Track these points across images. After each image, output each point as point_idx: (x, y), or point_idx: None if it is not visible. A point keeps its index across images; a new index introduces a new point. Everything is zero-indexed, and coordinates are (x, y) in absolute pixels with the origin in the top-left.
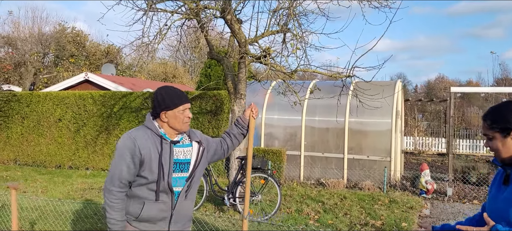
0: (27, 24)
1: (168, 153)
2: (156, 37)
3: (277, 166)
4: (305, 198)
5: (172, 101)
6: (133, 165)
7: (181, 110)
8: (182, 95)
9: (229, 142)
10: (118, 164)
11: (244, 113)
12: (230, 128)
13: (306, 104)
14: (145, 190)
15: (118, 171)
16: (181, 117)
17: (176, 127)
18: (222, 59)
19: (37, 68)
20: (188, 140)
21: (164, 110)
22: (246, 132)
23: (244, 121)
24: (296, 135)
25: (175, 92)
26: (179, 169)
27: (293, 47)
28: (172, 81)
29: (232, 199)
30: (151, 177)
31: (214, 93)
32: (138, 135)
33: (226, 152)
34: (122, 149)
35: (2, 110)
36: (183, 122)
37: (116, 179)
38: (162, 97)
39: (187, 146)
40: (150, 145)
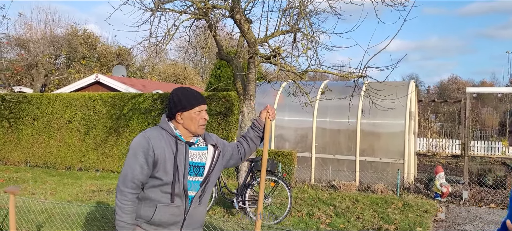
0: (39, 26)
1: (183, 155)
2: (164, 37)
3: (287, 168)
4: (316, 201)
5: (188, 102)
6: (146, 165)
7: (198, 111)
8: (199, 96)
9: (246, 146)
10: (132, 164)
11: (260, 115)
12: (246, 131)
13: (317, 105)
14: (159, 192)
15: (131, 171)
16: (197, 118)
17: (191, 129)
18: (231, 59)
19: (49, 70)
20: (204, 143)
21: (180, 111)
22: (262, 134)
23: (260, 123)
24: (307, 137)
25: (192, 93)
26: (193, 172)
27: (304, 47)
28: (183, 82)
29: (241, 202)
30: (166, 179)
31: (223, 94)
32: (153, 135)
33: (243, 156)
34: (135, 148)
35: (13, 112)
36: (198, 124)
37: (129, 179)
38: (178, 98)
39: (203, 149)
40: (164, 145)
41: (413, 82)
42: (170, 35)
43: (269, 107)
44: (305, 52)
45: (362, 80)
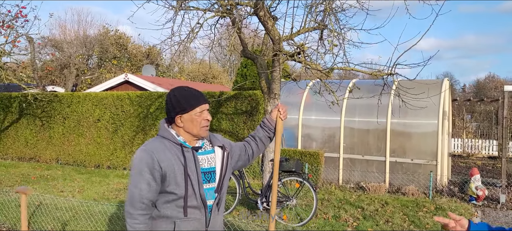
0: (73, 27)
1: (193, 162)
2: (188, 35)
3: (314, 169)
4: (344, 203)
5: (187, 103)
6: (154, 181)
7: (198, 112)
8: (199, 95)
9: (255, 146)
10: (137, 183)
11: (270, 114)
12: (255, 130)
13: (345, 105)
14: (175, 207)
15: (137, 191)
16: (199, 120)
17: (193, 132)
18: (256, 57)
19: (82, 69)
20: (210, 145)
21: (179, 113)
22: (273, 135)
23: (271, 123)
24: (334, 137)
25: (191, 92)
26: (205, 179)
27: (330, 44)
28: (212, 81)
29: (265, 203)
30: (180, 192)
31: (249, 93)
32: (155, 147)
33: (251, 157)
34: (139, 165)
35: (45, 111)
36: (200, 126)
37: (137, 200)
38: (176, 99)
39: (210, 153)
40: (170, 156)
41: (447, 80)
42: (194, 33)
43: (280, 105)
44: (331, 49)
45: (391, 78)
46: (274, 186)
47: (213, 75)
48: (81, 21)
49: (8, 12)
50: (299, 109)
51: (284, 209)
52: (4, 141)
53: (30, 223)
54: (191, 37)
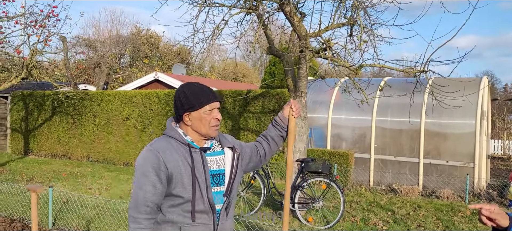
0: (106, 27)
1: (201, 164)
2: (214, 32)
3: (343, 170)
4: (374, 206)
5: (196, 99)
6: (159, 183)
7: (208, 110)
8: (209, 92)
9: (267, 146)
10: (142, 185)
11: (283, 111)
12: (267, 129)
13: (377, 103)
14: (180, 212)
15: (142, 194)
16: (208, 118)
17: (201, 132)
18: (282, 55)
19: (114, 69)
20: (219, 146)
21: (188, 110)
22: (285, 133)
23: (283, 121)
24: (365, 137)
25: (201, 89)
26: (214, 182)
27: (359, 40)
28: (242, 80)
29: (291, 204)
30: (187, 195)
31: (277, 91)
32: (161, 147)
33: (263, 158)
34: (143, 166)
35: (77, 109)
36: (210, 125)
37: (142, 204)
38: (185, 96)
39: (219, 154)
40: (177, 156)
41: (486, 78)
42: (219, 29)
43: (293, 102)
44: (361, 45)
45: (424, 75)
46: (287, 191)
47: (243, 73)
48: (114, 21)
49: (40, 12)
50: (328, 108)
51: (310, 211)
52: (38, 138)
53: (56, 220)
54: (216, 34)
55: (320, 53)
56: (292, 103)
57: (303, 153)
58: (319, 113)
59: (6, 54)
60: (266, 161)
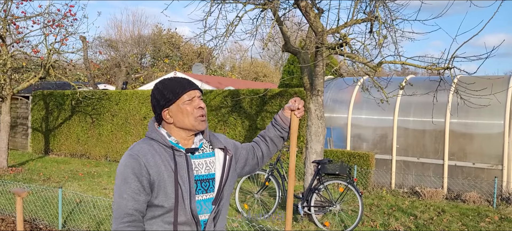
0: (128, 27)
1: (185, 168)
2: (228, 29)
3: (364, 172)
4: (395, 209)
5: (172, 91)
6: (142, 189)
7: (187, 100)
8: (185, 82)
9: (265, 148)
10: (123, 192)
11: (283, 110)
12: (266, 129)
13: (399, 103)
14: (161, 224)
15: (123, 202)
16: (189, 109)
17: (186, 126)
18: (299, 52)
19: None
20: (210, 147)
21: (165, 106)
22: (286, 134)
23: (284, 120)
24: (387, 137)
25: (175, 80)
26: (201, 189)
27: (379, 35)
28: (263, 80)
29: (306, 208)
30: (169, 205)
31: (295, 90)
32: (142, 150)
33: (261, 161)
34: (124, 173)
35: (95, 108)
36: (194, 115)
37: (124, 213)
38: (159, 91)
39: (209, 156)
40: (159, 161)
41: None
42: (233, 25)
43: (296, 100)
44: (381, 42)
45: (448, 72)
46: (289, 195)
47: (264, 73)
48: (136, 21)
49: (57, 11)
50: (348, 108)
51: (327, 215)
52: (58, 138)
53: (66, 221)
54: (230, 31)
55: (336, 49)
56: (295, 100)
57: (320, 154)
58: (338, 113)
59: (24, 53)
60: (263, 164)
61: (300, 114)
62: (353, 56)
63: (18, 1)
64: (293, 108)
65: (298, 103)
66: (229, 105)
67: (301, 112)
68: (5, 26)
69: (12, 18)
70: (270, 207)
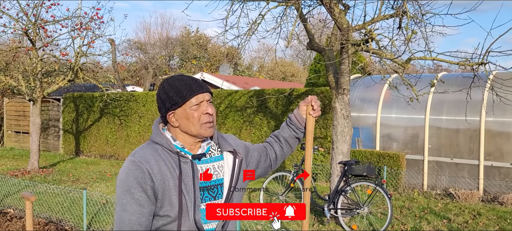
0: (157, 30)
1: (190, 176)
2: (251, 27)
3: (394, 173)
4: (427, 212)
5: (179, 94)
6: (147, 200)
7: (195, 104)
8: (193, 83)
9: (278, 150)
10: (125, 205)
11: (299, 108)
12: (280, 129)
13: (431, 101)
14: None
15: (127, 217)
16: (196, 115)
17: (192, 132)
18: (323, 49)
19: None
20: (218, 151)
21: (171, 108)
22: (302, 135)
23: (299, 120)
24: (418, 137)
25: (183, 81)
26: (208, 195)
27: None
28: (291, 79)
29: (333, 210)
30: (174, 214)
31: (321, 89)
32: (146, 156)
33: (274, 163)
34: (126, 182)
35: (123, 110)
36: (200, 122)
37: (127, 228)
38: (165, 91)
39: (217, 160)
40: (164, 167)
41: None
42: (256, 24)
43: (312, 98)
44: (410, 37)
45: (483, 68)
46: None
47: (292, 73)
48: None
49: (84, 14)
50: (377, 106)
51: (354, 218)
52: (88, 139)
53: (92, 223)
54: (253, 29)
55: (362, 46)
56: (311, 99)
57: (347, 155)
58: (367, 112)
59: (53, 57)
60: (277, 166)
61: (316, 114)
62: (380, 52)
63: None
64: (307, 104)
65: (315, 103)
66: (255, 105)
67: (318, 113)
68: (35, 30)
69: (42, 22)
70: None
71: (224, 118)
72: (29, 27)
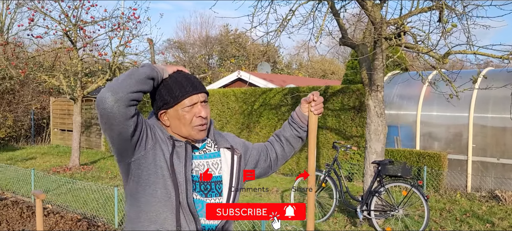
0: (196, 29)
1: (183, 155)
2: (282, 23)
3: (435, 173)
4: (469, 215)
5: (171, 93)
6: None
7: (188, 106)
8: (187, 83)
9: (280, 149)
10: None
11: (300, 106)
12: (282, 128)
13: (475, 98)
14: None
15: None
16: (188, 117)
17: (182, 133)
18: (357, 45)
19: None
20: (215, 147)
21: (163, 108)
22: (305, 134)
23: (301, 118)
24: (461, 136)
25: (177, 80)
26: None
27: (448, 24)
28: (331, 77)
29: (366, 211)
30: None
31: (357, 86)
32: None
33: (274, 164)
34: None
35: None
36: (191, 124)
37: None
38: (158, 90)
39: (213, 157)
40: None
41: None
42: (286, 20)
43: (314, 95)
44: (449, 30)
45: None
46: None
47: (332, 71)
48: (203, 22)
49: (121, 15)
50: (417, 104)
51: (389, 220)
52: None
53: (123, 220)
54: (284, 24)
55: (394, 40)
56: (313, 95)
57: (380, 154)
58: (406, 110)
59: (92, 57)
60: (278, 166)
61: (318, 111)
62: (413, 46)
63: (87, 6)
64: (309, 100)
65: (315, 96)
66: (289, 103)
67: (320, 109)
68: (75, 31)
69: (81, 23)
70: (327, 210)
71: (259, 116)
72: (70, 28)
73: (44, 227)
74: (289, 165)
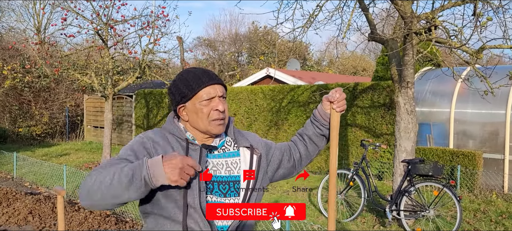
0: (226, 27)
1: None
2: (309, 19)
3: (469, 173)
4: (505, 217)
5: (188, 86)
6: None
7: (205, 99)
8: (204, 76)
9: (303, 148)
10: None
11: (322, 104)
12: (304, 127)
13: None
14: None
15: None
16: (205, 110)
17: (200, 128)
18: (386, 41)
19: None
20: (235, 146)
21: (181, 102)
22: (328, 132)
23: (323, 116)
24: (497, 134)
25: (194, 73)
26: (218, 191)
27: (483, 17)
28: (362, 74)
29: (395, 211)
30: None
31: (387, 83)
32: (154, 137)
33: (298, 164)
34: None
35: None
36: (209, 118)
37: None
38: (175, 84)
39: (232, 156)
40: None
41: None
42: (313, 16)
43: (337, 90)
44: (484, 24)
45: None
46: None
47: (363, 67)
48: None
49: (151, 13)
50: (451, 101)
51: (419, 220)
52: None
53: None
54: (311, 20)
55: (424, 35)
56: (335, 92)
57: (411, 153)
58: (439, 107)
59: (123, 55)
60: (302, 167)
61: (340, 108)
62: (445, 41)
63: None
64: (332, 99)
65: (339, 95)
66: (317, 101)
67: (342, 106)
68: (106, 29)
69: (112, 22)
70: (355, 209)
71: (287, 113)
72: (101, 27)
73: (73, 222)
74: (317, 163)
